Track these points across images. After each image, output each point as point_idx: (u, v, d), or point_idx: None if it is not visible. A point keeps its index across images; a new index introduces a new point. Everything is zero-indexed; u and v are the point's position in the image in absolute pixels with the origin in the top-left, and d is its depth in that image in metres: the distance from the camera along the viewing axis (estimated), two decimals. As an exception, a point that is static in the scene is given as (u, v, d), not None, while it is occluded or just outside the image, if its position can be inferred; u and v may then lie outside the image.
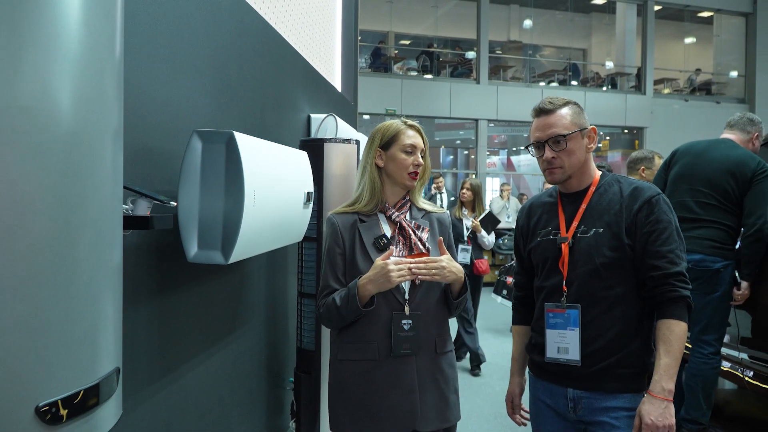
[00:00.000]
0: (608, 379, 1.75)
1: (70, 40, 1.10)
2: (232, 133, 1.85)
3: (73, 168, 1.12)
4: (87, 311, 1.16)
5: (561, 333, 1.77)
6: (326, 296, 1.88)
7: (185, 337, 2.14)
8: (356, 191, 1.98)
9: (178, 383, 2.09)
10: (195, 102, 2.18)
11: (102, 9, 1.18)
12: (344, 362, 1.88)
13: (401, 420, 1.80)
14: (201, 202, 1.87)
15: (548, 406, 1.87)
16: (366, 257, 1.84)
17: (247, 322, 2.81)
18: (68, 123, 1.10)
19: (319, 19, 4.85)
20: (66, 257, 1.10)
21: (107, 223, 1.22)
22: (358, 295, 1.77)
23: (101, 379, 1.20)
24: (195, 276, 2.19)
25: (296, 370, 3.40)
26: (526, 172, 17.60)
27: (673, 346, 1.66)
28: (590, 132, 1.86)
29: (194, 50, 2.15)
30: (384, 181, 1.92)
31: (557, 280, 1.82)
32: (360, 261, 1.85)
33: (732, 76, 17.76)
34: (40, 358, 1.05)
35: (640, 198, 1.77)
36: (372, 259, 1.82)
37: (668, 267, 1.71)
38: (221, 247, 1.88)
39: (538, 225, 1.94)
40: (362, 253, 1.85)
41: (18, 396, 1.02)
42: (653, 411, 1.63)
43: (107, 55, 1.21)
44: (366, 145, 1.96)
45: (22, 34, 1.00)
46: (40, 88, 1.04)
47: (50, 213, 1.07)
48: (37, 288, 1.04)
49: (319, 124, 3.80)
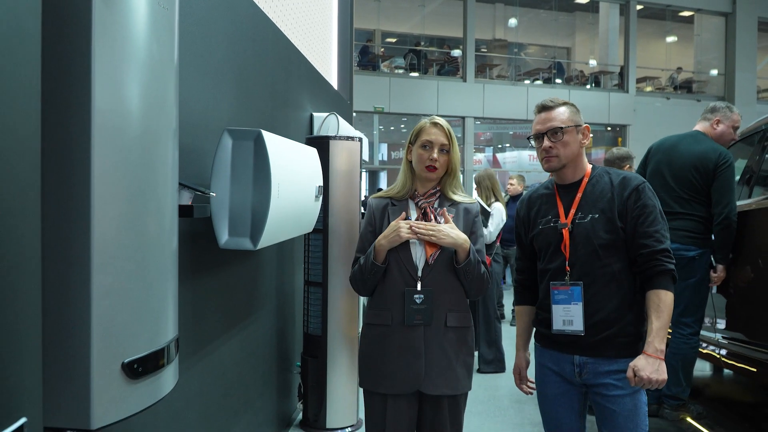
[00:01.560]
0: (609, 346, 1.99)
1: (146, 52, 1.29)
2: (260, 131, 2.05)
3: (148, 162, 1.31)
4: (158, 285, 1.36)
5: (566, 308, 2.02)
6: (355, 264, 2.16)
7: (212, 319, 2.33)
8: (396, 180, 2.23)
9: (206, 360, 2.28)
10: (218, 103, 2.37)
11: (167, 26, 1.38)
12: (368, 326, 2.14)
13: (408, 381, 2.04)
14: (231, 194, 2.07)
15: (554, 372, 2.10)
16: None
17: (261, 308, 3.00)
18: (143, 124, 1.29)
19: (317, 19, 5.03)
20: (143, 238, 1.30)
21: (169, 210, 1.42)
22: (375, 251, 2.05)
23: (167, 344, 1.40)
24: (219, 263, 2.38)
25: (303, 354, 3.59)
26: (511, 169, 17.88)
27: (663, 313, 1.89)
28: (584, 129, 2.10)
29: (217, 56, 2.34)
30: (413, 173, 2.13)
31: (560, 261, 2.05)
32: None
33: (712, 74, 18.16)
34: (125, 321, 1.25)
35: (629, 186, 2.02)
36: None
37: (655, 245, 1.95)
38: (250, 234, 2.07)
39: (539, 214, 2.16)
40: None
41: (110, 353, 1.21)
42: (648, 367, 1.85)
43: (170, 66, 1.40)
44: None
45: (120, 53, 1.20)
46: (132, 94, 1.23)
47: (132, 201, 1.26)
48: (122, 263, 1.23)
49: (322, 122, 4.00)
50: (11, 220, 0.90)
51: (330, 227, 3.46)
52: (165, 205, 1.40)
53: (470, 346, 2.16)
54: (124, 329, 1.25)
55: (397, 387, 2.05)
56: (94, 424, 1.19)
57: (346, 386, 3.55)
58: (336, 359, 3.50)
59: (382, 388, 2.07)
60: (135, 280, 1.28)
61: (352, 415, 3.61)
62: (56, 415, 1.17)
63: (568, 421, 2.10)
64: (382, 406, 2.08)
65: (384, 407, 2.07)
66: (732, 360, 3.49)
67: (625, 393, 1.97)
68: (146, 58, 1.30)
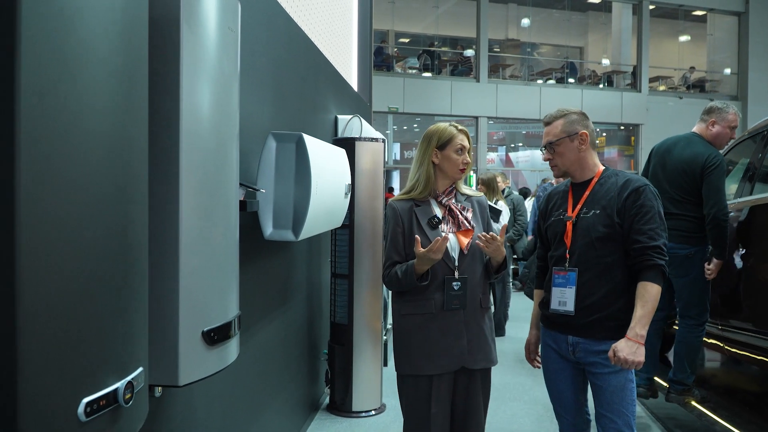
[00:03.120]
0: (599, 329, 2.22)
1: (218, 69, 1.52)
2: (302, 134, 2.28)
3: (219, 163, 1.54)
4: (226, 268, 1.59)
5: (562, 290, 2.28)
6: (390, 267, 2.32)
7: (254, 306, 2.57)
8: (411, 181, 2.39)
9: (249, 343, 2.51)
10: (260, 108, 2.60)
11: (233, 45, 1.61)
12: (406, 316, 2.32)
13: (453, 359, 2.27)
14: (275, 191, 2.30)
15: (554, 350, 2.36)
16: (422, 234, 2.27)
17: (294, 298, 3.24)
18: (216, 130, 1.52)
19: (339, 23, 5.26)
20: (216, 228, 1.53)
21: (234, 204, 1.66)
22: (415, 271, 2.22)
23: (234, 319, 1.63)
24: (260, 254, 2.62)
25: (330, 342, 3.83)
26: (524, 168, 18.03)
27: (647, 303, 2.11)
28: (579, 137, 2.33)
29: (259, 66, 2.57)
30: (437, 174, 2.34)
31: (562, 250, 2.31)
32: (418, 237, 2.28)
33: (726, 73, 18.21)
34: (204, 296, 1.48)
35: (629, 188, 2.25)
36: (427, 234, 2.25)
37: (647, 241, 2.17)
38: (292, 227, 2.31)
39: (554, 208, 2.43)
40: (419, 231, 2.28)
41: (193, 322, 1.44)
42: (626, 349, 2.07)
43: (234, 79, 1.63)
44: (422, 144, 2.38)
45: (200, 70, 1.43)
46: (208, 104, 1.46)
47: (209, 196, 1.50)
48: (202, 249, 1.46)
49: (346, 124, 4.23)
50: (134, 210, 1.13)
51: (356, 223, 3.69)
52: (231, 200, 1.63)
53: (493, 322, 2.43)
54: (204, 303, 1.48)
55: (444, 366, 2.26)
56: (181, 381, 1.43)
57: (370, 372, 3.78)
58: (361, 346, 3.73)
59: (430, 369, 2.26)
60: (211, 263, 1.51)
61: (376, 400, 3.84)
62: (151, 374, 1.40)
63: (567, 393, 2.35)
64: (427, 387, 2.27)
65: (429, 387, 2.26)
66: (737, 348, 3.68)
67: (612, 371, 2.19)
68: (218, 74, 1.53)
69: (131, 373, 1.13)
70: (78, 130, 0.96)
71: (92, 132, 0.99)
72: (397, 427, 3.19)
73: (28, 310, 0.88)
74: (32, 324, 0.89)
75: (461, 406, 2.32)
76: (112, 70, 1.05)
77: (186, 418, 1.97)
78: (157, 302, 1.39)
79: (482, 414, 2.36)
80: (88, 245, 0.99)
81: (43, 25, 0.90)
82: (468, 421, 2.33)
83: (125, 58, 1.09)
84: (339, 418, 3.77)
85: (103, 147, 1.02)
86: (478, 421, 2.34)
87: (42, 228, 0.90)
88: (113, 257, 1.06)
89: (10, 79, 0.86)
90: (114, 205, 1.06)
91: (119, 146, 1.07)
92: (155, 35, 1.35)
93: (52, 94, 0.91)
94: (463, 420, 2.33)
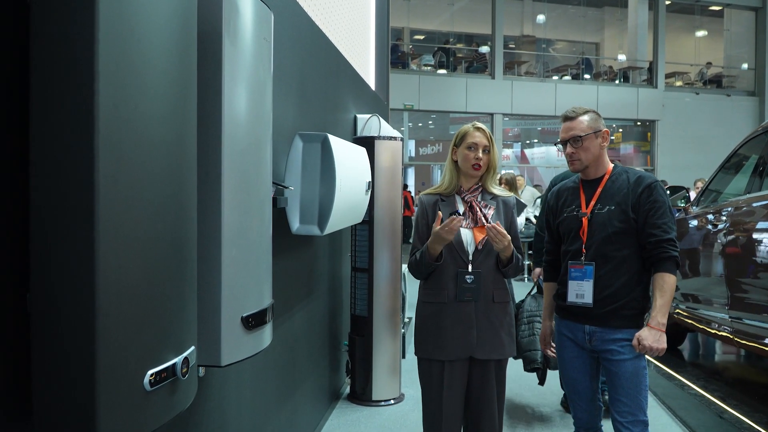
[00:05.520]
0: (615, 318, 2.34)
1: (254, 76, 1.66)
2: (327, 135, 2.42)
3: (256, 162, 1.68)
4: (262, 258, 1.73)
5: (579, 283, 2.38)
6: (413, 254, 2.48)
7: (282, 297, 2.71)
8: (441, 178, 2.55)
9: (276, 333, 2.65)
10: (286, 109, 2.74)
11: (267, 54, 1.75)
12: (424, 303, 2.48)
13: (462, 348, 2.40)
14: (302, 188, 2.44)
15: (569, 339, 2.47)
16: None
17: (316, 290, 3.38)
18: (253, 132, 1.66)
19: (357, 23, 5.39)
20: (253, 222, 1.67)
21: (268, 200, 1.80)
22: (428, 252, 2.36)
23: (268, 306, 1.77)
24: (287, 248, 2.76)
25: (351, 334, 3.97)
26: (539, 165, 18.08)
27: (666, 292, 2.24)
28: (603, 134, 2.44)
29: (285, 69, 2.71)
30: (459, 171, 2.46)
31: (578, 245, 2.41)
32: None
33: (743, 68, 18.10)
34: (243, 284, 1.62)
35: (642, 184, 2.37)
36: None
37: (662, 235, 2.30)
38: (318, 222, 2.45)
39: (565, 204, 2.52)
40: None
41: (233, 308, 1.58)
42: (650, 337, 2.20)
43: (268, 85, 1.77)
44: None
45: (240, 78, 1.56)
46: (246, 108, 1.60)
47: (247, 193, 1.63)
48: (241, 240, 1.60)
49: (365, 123, 4.36)
50: (187, 207, 1.27)
51: (375, 219, 3.83)
52: (265, 197, 1.77)
53: (511, 317, 2.53)
54: (243, 290, 1.62)
55: (454, 353, 2.40)
56: (223, 361, 1.57)
57: (389, 362, 3.92)
58: (381, 338, 3.87)
59: (441, 355, 2.41)
60: (249, 254, 1.65)
61: (395, 389, 3.98)
62: (196, 355, 1.54)
63: (581, 381, 2.46)
64: (439, 371, 2.42)
65: (441, 372, 2.41)
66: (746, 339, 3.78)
67: (627, 358, 2.31)
68: (254, 80, 1.67)
69: (186, 350, 1.27)
70: (145, 137, 1.11)
71: (157, 138, 1.14)
72: (416, 415, 3.32)
73: (104, 292, 1.03)
74: (107, 305, 1.04)
75: (476, 396, 2.45)
76: (171, 82, 1.19)
77: (221, 400, 2.12)
78: (202, 290, 1.53)
79: (495, 404, 2.47)
80: (152, 239, 1.13)
81: (117, 44, 1.04)
82: (482, 410, 2.45)
83: (181, 70, 1.23)
84: (359, 406, 3.92)
85: (164, 151, 1.17)
86: (491, 410, 2.45)
87: (116, 224, 1.05)
88: (172, 248, 1.20)
89: (90, 94, 1.00)
90: (173, 203, 1.20)
91: (176, 150, 1.21)
92: (200, 47, 1.48)
93: (125, 105, 1.05)
94: (478, 409, 2.45)
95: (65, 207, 1.02)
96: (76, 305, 1.02)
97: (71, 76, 1.01)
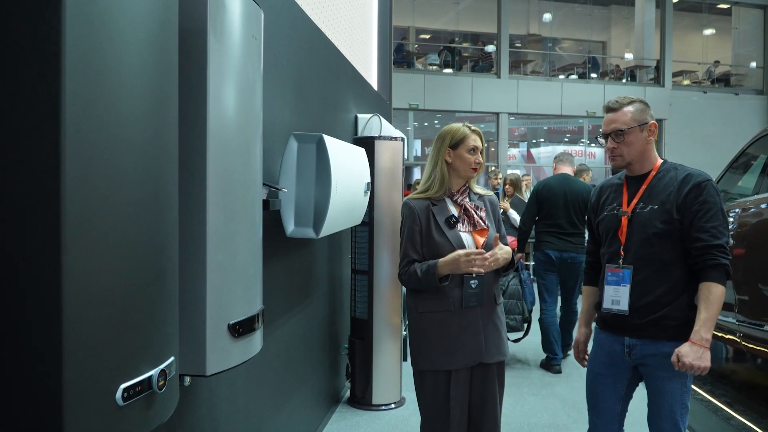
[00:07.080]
0: (656, 329, 2.11)
1: (242, 75, 1.60)
2: (322, 135, 2.36)
3: (244, 163, 1.63)
4: (251, 264, 1.68)
5: (616, 288, 2.18)
6: (407, 264, 2.35)
7: (277, 301, 2.65)
8: (426, 181, 2.42)
9: (272, 336, 2.60)
10: (282, 109, 2.68)
11: (256, 52, 1.69)
12: (424, 314, 2.36)
13: (471, 355, 2.31)
14: (297, 190, 2.38)
15: (605, 353, 2.27)
16: (440, 233, 2.32)
17: (315, 293, 3.32)
18: (241, 131, 1.60)
19: (359, 22, 5.33)
20: (241, 226, 1.61)
21: (258, 203, 1.74)
22: (437, 274, 2.25)
23: (258, 313, 1.71)
24: (283, 251, 2.70)
25: (351, 337, 3.91)
26: (546, 164, 17.96)
27: (711, 304, 2.00)
28: (650, 127, 2.23)
29: (282, 69, 2.65)
30: (450, 173, 2.38)
31: (617, 246, 2.22)
32: (436, 235, 2.32)
33: (751, 67, 17.93)
34: (230, 290, 1.56)
35: (690, 182, 2.11)
36: (445, 233, 2.30)
37: (710, 240, 2.05)
38: (313, 225, 2.39)
39: (606, 202, 2.33)
40: (437, 230, 2.33)
41: (219, 315, 1.53)
42: (692, 354, 1.97)
43: (258, 84, 1.71)
44: (435, 143, 2.41)
45: (226, 76, 1.51)
46: (233, 108, 1.55)
47: (234, 195, 1.58)
48: (228, 245, 1.55)
49: (365, 123, 4.30)
50: (166, 210, 1.22)
51: (375, 220, 3.77)
52: (255, 199, 1.72)
53: (504, 313, 2.52)
54: (230, 296, 1.57)
55: (463, 362, 2.31)
56: (209, 371, 1.51)
57: (390, 366, 3.86)
58: (381, 341, 3.81)
59: (449, 365, 2.30)
60: (237, 258, 1.59)
61: (396, 393, 3.92)
62: (180, 364, 1.48)
63: (607, 400, 2.29)
64: (446, 382, 2.31)
65: (447, 383, 2.31)
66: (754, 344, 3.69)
67: (669, 376, 2.12)
68: (242, 79, 1.61)
69: (164, 361, 1.21)
70: (117, 137, 1.05)
71: (130, 138, 1.08)
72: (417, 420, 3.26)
73: (71, 302, 0.97)
74: (75, 316, 0.98)
75: (478, 400, 2.37)
76: (146, 80, 1.13)
77: (211, 408, 2.07)
78: (185, 296, 1.47)
79: (498, 406, 2.42)
80: (125, 243, 1.07)
81: (86, 41, 0.98)
82: (485, 414, 2.38)
83: (158, 68, 1.17)
84: (359, 410, 3.86)
85: (140, 151, 1.11)
86: (494, 413, 2.39)
87: (84, 228, 0.99)
88: (148, 254, 1.14)
89: (56, 93, 0.95)
90: (149, 206, 1.14)
91: (153, 150, 1.16)
92: (184, 44, 1.43)
93: (94, 105, 1.00)
94: (480, 413, 2.38)
95: (29, 208, 0.96)
96: (41, 314, 0.96)
97: (36, 73, 0.96)
